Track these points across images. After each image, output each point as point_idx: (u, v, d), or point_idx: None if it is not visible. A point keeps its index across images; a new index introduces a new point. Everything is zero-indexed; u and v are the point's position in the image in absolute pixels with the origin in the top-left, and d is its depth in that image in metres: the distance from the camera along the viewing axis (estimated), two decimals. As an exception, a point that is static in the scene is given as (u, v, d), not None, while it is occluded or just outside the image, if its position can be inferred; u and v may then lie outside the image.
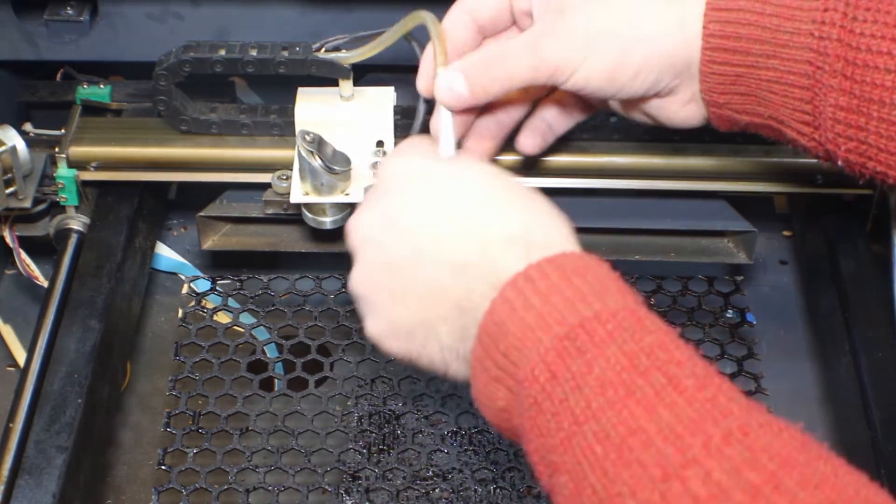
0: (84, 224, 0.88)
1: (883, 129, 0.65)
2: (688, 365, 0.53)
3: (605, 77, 0.69)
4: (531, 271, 0.56)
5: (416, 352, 0.62)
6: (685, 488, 0.48)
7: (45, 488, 0.72)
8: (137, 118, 0.90)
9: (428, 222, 0.60)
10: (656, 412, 0.50)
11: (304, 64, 0.80)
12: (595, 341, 0.53)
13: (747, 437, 0.49)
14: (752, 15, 0.67)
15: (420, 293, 0.60)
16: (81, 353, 0.79)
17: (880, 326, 0.83)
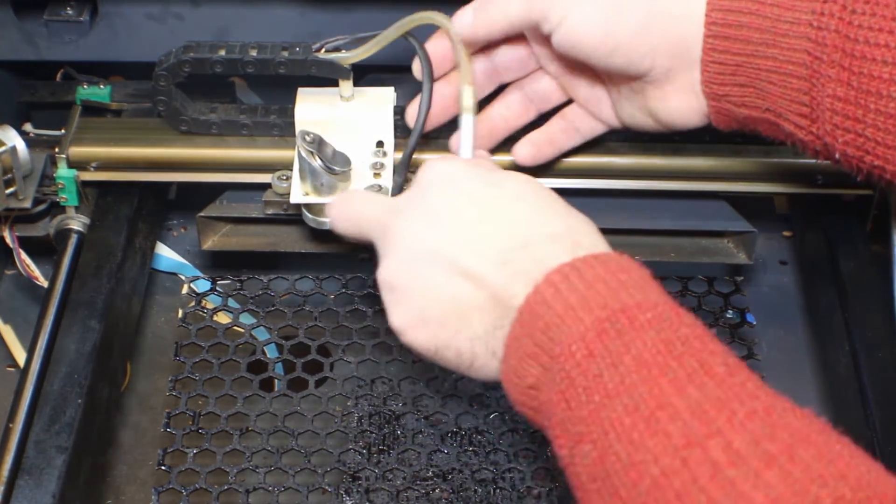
0: (84, 224, 0.88)
1: (880, 122, 0.65)
2: (720, 355, 0.55)
3: (601, 28, 0.70)
4: (578, 262, 0.59)
5: (445, 342, 0.63)
6: (706, 455, 0.50)
7: (44, 488, 0.72)
8: (137, 118, 0.90)
9: (472, 218, 0.63)
10: (686, 391, 0.52)
11: (304, 64, 0.80)
12: (634, 326, 0.55)
13: (770, 416, 0.51)
14: (754, 4, 0.68)
15: (456, 286, 0.62)
16: (81, 354, 0.79)
17: (880, 327, 0.83)
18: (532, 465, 0.81)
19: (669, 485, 0.50)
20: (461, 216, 0.64)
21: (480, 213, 0.64)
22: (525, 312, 0.59)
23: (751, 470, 0.48)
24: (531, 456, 0.82)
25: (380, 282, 0.66)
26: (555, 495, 0.80)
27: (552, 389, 0.57)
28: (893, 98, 0.64)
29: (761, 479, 0.48)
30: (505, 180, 0.66)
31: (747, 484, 0.48)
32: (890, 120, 0.65)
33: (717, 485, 0.49)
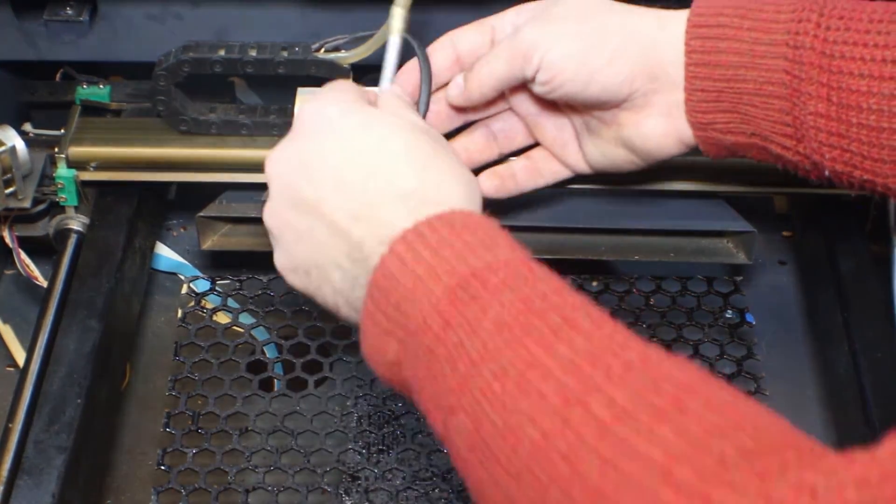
0: (83, 224, 0.88)
1: (864, 135, 0.66)
2: (582, 308, 0.53)
3: (578, 58, 0.70)
4: (421, 227, 0.58)
5: (314, 290, 0.65)
6: (588, 413, 0.48)
7: (44, 488, 0.73)
8: (137, 118, 0.90)
9: (334, 169, 0.62)
10: (554, 348, 0.50)
11: (304, 64, 0.80)
12: (488, 288, 0.54)
13: (648, 366, 0.49)
14: (731, 30, 0.69)
15: (317, 237, 0.62)
16: (81, 354, 0.79)
17: (879, 327, 0.83)
18: (531, 465, 0.81)
19: (553, 446, 0.48)
20: (325, 162, 0.63)
21: (343, 159, 0.63)
22: (374, 287, 0.58)
23: (641, 425, 0.46)
24: (531, 456, 0.82)
25: (264, 222, 0.67)
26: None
27: (416, 365, 0.56)
28: (874, 110, 0.65)
29: (655, 433, 0.46)
30: (376, 124, 0.64)
31: (641, 440, 0.46)
32: (873, 133, 0.65)
33: (608, 443, 0.46)
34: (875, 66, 0.64)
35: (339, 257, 0.61)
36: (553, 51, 0.70)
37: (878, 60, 0.64)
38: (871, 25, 0.65)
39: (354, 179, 0.62)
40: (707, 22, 0.70)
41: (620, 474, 0.46)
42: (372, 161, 0.62)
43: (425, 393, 0.55)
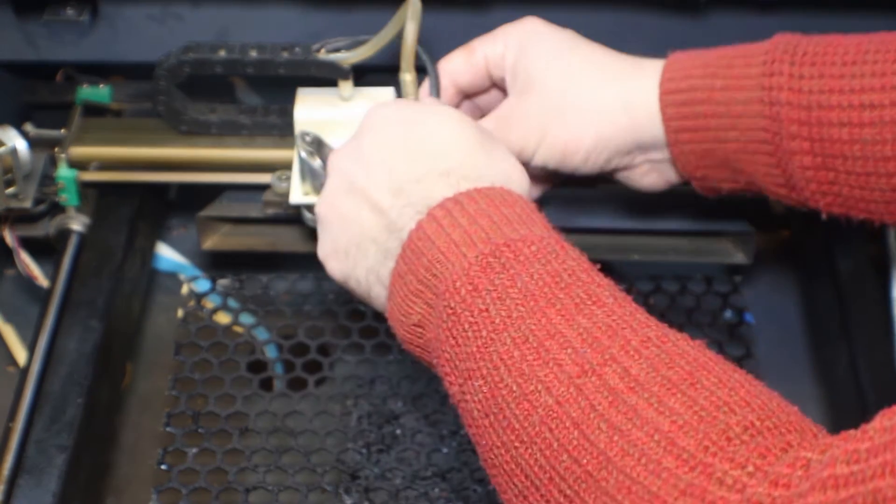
0: (84, 224, 0.88)
1: (853, 181, 0.66)
2: (607, 287, 0.55)
3: (558, 159, 0.73)
4: (460, 196, 0.59)
5: (349, 272, 0.66)
6: (602, 382, 0.49)
7: (45, 488, 0.73)
8: (138, 118, 0.91)
9: (385, 156, 0.64)
10: (575, 320, 0.52)
11: (305, 65, 0.80)
12: (520, 259, 0.55)
13: (665, 343, 0.50)
14: (704, 92, 0.69)
15: (361, 217, 0.64)
16: (82, 353, 0.80)
17: (878, 327, 0.83)
18: (531, 465, 0.81)
19: (566, 413, 0.49)
20: (379, 152, 0.65)
21: (394, 149, 0.65)
22: (408, 249, 0.59)
23: (652, 395, 0.48)
24: (530, 455, 0.82)
25: (316, 214, 0.69)
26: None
27: (439, 327, 0.57)
28: (858, 157, 0.65)
29: (664, 404, 0.47)
30: (428, 117, 0.66)
31: (650, 409, 0.47)
32: (861, 178, 0.65)
33: (618, 411, 0.48)
34: (854, 112, 0.64)
35: (377, 231, 0.63)
36: (537, 155, 0.73)
37: (855, 106, 0.64)
38: (844, 69, 0.65)
39: (402, 162, 0.64)
40: (679, 87, 0.70)
41: (627, 440, 0.47)
42: (421, 145, 0.64)
43: (445, 356, 0.57)
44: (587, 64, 0.73)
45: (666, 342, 0.50)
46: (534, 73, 0.73)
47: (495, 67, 0.76)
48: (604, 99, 0.72)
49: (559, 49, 0.73)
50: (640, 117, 0.71)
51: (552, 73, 0.73)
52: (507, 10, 0.85)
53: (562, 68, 0.73)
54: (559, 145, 0.73)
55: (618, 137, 0.72)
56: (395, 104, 0.69)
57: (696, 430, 0.46)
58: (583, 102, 0.72)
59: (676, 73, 0.70)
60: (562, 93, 0.72)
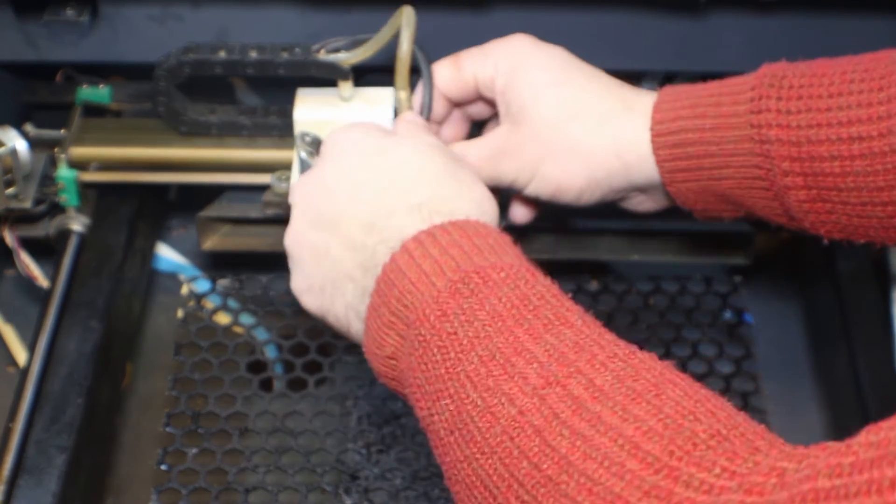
0: (84, 224, 0.88)
1: (850, 210, 0.66)
2: (576, 311, 0.55)
3: (551, 194, 0.74)
4: (434, 229, 0.60)
5: (326, 308, 0.66)
6: (566, 392, 0.49)
7: (45, 488, 0.73)
8: (138, 119, 0.91)
9: (352, 186, 0.65)
10: (543, 337, 0.52)
11: (304, 65, 0.80)
12: (488, 284, 0.55)
13: (631, 359, 0.50)
14: (694, 133, 0.69)
15: (333, 252, 0.64)
16: (82, 354, 0.80)
17: (878, 327, 0.83)
18: (531, 465, 0.81)
19: (528, 422, 0.49)
20: (345, 184, 0.65)
21: (361, 180, 0.65)
22: (382, 282, 0.59)
23: (617, 404, 0.47)
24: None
25: (285, 247, 0.69)
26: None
27: (410, 355, 0.57)
28: (852, 189, 0.65)
29: (629, 412, 0.47)
30: (394, 147, 0.67)
31: (614, 417, 0.47)
32: (857, 208, 0.65)
33: (582, 418, 0.47)
34: (843, 145, 0.64)
35: (353, 269, 0.63)
36: (529, 188, 0.74)
37: (844, 139, 0.64)
38: (830, 101, 0.64)
39: (370, 195, 0.64)
40: (669, 129, 0.70)
41: (590, 445, 0.46)
42: (388, 177, 0.64)
43: (416, 383, 0.56)
44: (581, 95, 0.73)
45: (633, 358, 0.50)
46: (528, 103, 0.73)
47: (485, 89, 0.76)
48: (596, 143, 0.72)
49: (550, 80, 0.73)
50: (632, 161, 0.71)
51: (546, 103, 0.72)
52: (508, 11, 0.85)
53: (556, 100, 0.73)
54: (552, 182, 0.73)
55: (611, 179, 0.72)
56: (360, 130, 0.69)
57: (662, 435, 0.45)
58: (575, 144, 0.72)
59: (666, 115, 0.70)
60: (554, 129, 0.72)
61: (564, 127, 0.72)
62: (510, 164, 0.74)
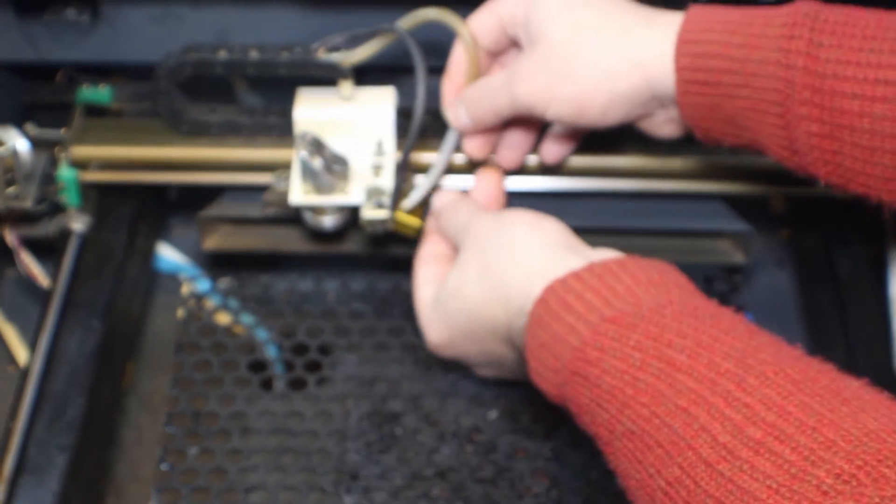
0: (85, 224, 0.88)
1: (857, 153, 0.66)
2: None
3: (573, 113, 0.74)
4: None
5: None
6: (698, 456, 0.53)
7: (46, 487, 0.73)
8: (139, 119, 0.91)
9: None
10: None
11: (305, 65, 0.81)
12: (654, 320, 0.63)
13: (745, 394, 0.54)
14: (721, 46, 0.69)
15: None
16: (83, 353, 0.80)
17: (877, 327, 0.83)
18: (531, 464, 0.82)
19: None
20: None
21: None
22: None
23: (745, 463, 0.50)
24: (530, 455, 0.82)
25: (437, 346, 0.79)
26: (553, 494, 0.80)
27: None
28: (866, 130, 0.65)
29: (757, 470, 0.49)
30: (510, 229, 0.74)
31: (744, 476, 0.49)
32: (866, 151, 0.65)
33: (715, 482, 0.50)
34: (868, 86, 0.64)
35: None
36: (550, 111, 0.74)
37: (870, 80, 0.64)
38: (863, 42, 0.65)
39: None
40: (696, 38, 0.70)
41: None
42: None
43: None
44: (599, 14, 0.73)
45: (762, 384, 0.54)
46: (543, 26, 0.73)
47: (510, 25, 0.76)
48: (617, 55, 0.71)
49: (568, 2, 0.73)
50: (655, 71, 0.71)
51: (562, 25, 0.73)
52: None
53: (572, 21, 0.73)
54: (573, 101, 0.73)
55: (633, 92, 0.72)
56: (482, 223, 0.77)
57: (791, 489, 0.47)
58: (595, 58, 0.72)
59: (696, 26, 0.70)
60: (573, 45, 0.72)
61: (582, 44, 0.72)
62: (525, 86, 0.74)
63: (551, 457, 0.82)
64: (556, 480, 0.81)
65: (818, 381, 0.53)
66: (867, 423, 0.49)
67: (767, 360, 0.55)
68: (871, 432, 0.48)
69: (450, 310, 0.75)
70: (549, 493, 0.80)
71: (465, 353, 0.78)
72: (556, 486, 0.81)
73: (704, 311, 0.63)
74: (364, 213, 0.79)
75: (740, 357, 0.56)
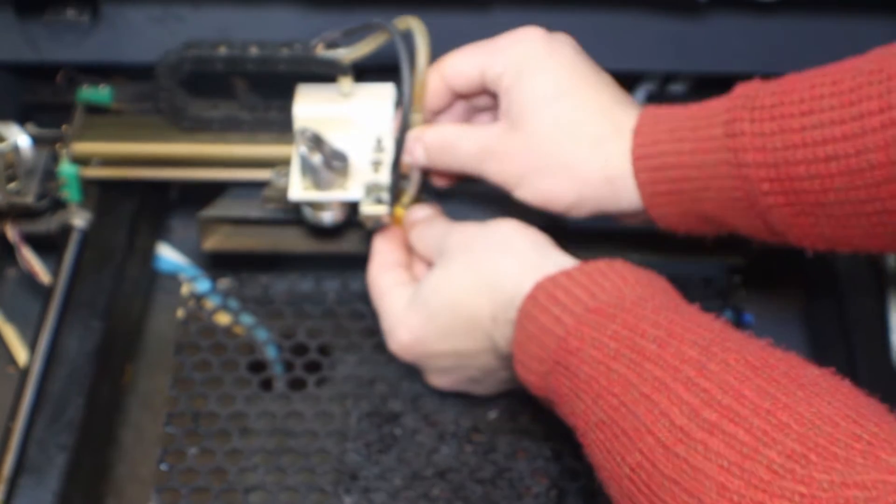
0: (86, 220, 0.88)
1: (834, 223, 0.66)
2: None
3: (541, 203, 0.75)
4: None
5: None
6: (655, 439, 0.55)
7: (46, 487, 0.73)
8: (140, 115, 0.91)
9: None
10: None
11: (305, 61, 0.81)
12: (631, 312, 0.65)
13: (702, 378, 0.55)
14: (674, 156, 0.70)
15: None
16: (83, 353, 0.80)
17: (877, 327, 0.83)
18: (530, 464, 0.82)
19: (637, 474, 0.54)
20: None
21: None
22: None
23: (699, 443, 0.51)
24: (529, 455, 0.82)
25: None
26: (553, 494, 0.80)
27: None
28: (834, 203, 0.65)
29: (710, 450, 0.50)
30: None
31: (698, 457, 0.51)
32: (842, 219, 0.65)
33: (671, 464, 0.52)
34: (820, 165, 0.64)
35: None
36: (516, 193, 0.75)
37: (821, 159, 0.63)
38: (803, 120, 0.64)
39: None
40: (649, 152, 0.71)
41: (682, 490, 0.51)
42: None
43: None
44: (579, 114, 0.73)
45: (712, 373, 0.54)
46: (525, 113, 0.73)
47: (492, 84, 0.76)
48: (587, 167, 0.72)
49: (556, 90, 0.73)
50: (620, 185, 0.72)
51: (544, 119, 0.73)
52: (508, 11, 0.85)
53: (554, 116, 0.73)
54: (540, 195, 0.74)
55: (599, 202, 0.74)
56: (465, 232, 0.77)
57: (742, 468, 0.48)
58: (568, 163, 0.73)
59: (647, 139, 0.71)
60: (550, 144, 0.73)
61: (559, 146, 0.73)
62: (498, 167, 0.75)
63: (551, 457, 0.82)
64: (555, 480, 0.81)
65: (777, 368, 0.54)
66: (821, 407, 0.50)
67: (731, 349, 0.56)
68: (825, 416, 0.49)
69: (430, 306, 0.75)
70: (549, 493, 0.80)
71: (433, 354, 0.77)
72: (556, 486, 0.81)
73: (685, 308, 0.64)
74: (363, 208, 0.80)
75: (706, 345, 0.57)
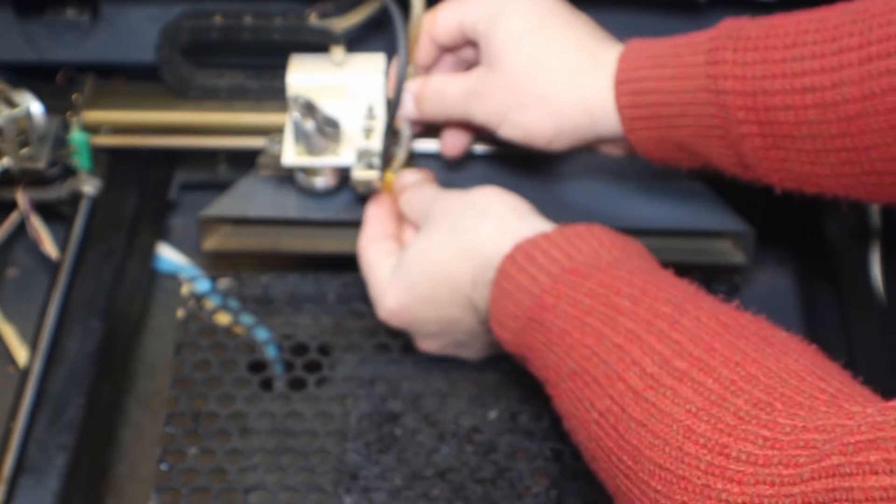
0: (96, 187, 0.89)
1: (804, 158, 0.68)
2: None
3: (522, 138, 0.78)
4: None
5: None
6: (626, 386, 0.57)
7: (46, 487, 0.73)
8: (150, 84, 0.91)
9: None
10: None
11: (298, 30, 0.83)
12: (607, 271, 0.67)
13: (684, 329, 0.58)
14: (655, 81, 0.72)
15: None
16: (83, 353, 0.80)
17: (877, 328, 0.83)
18: (530, 464, 0.82)
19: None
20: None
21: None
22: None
23: (668, 389, 0.54)
24: (529, 455, 0.82)
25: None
26: (553, 494, 0.80)
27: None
28: (806, 136, 0.66)
29: (679, 395, 0.53)
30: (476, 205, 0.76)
31: (667, 402, 0.53)
32: (811, 154, 0.67)
33: (641, 408, 0.55)
34: (797, 95, 0.65)
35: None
36: (500, 131, 0.78)
37: (798, 90, 0.65)
38: (785, 52, 0.66)
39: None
40: (631, 76, 0.72)
41: (652, 434, 0.53)
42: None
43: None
44: (551, 49, 0.75)
45: (684, 327, 0.57)
46: (501, 51, 0.76)
47: (470, 31, 0.79)
48: (564, 98, 0.75)
49: (526, 28, 0.76)
50: (599, 114, 0.74)
51: (519, 56, 0.76)
52: None
53: (528, 52, 0.76)
54: (521, 129, 0.77)
55: (578, 131, 0.76)
56: (449, 200, 0.79)
57: (710, 413, 0.50)
58: (545, 94, 0.75)
59: (630, 64, 0.73)
60: (525, 78, 0.76)
61: (535, 79, 0.75)
62: (481, 107, 0.78)
63: (551, 457, 0.82)
64: (555, 480, 0.81)
65: (747, 328, 0.56)
66: (789, 363, 0.53)
67: (704, 308, 0.59)
68: (792, 371, 0.52)
69: (413, 272, 0.77)
70: (549, 493, 0.80)
71: (418, 320, 0.79)
72: (556, 486, 0.81)
73: (660, 271, 0.66)
74: (354, 173, 0.82)
75: (679, 303, 0.59)
